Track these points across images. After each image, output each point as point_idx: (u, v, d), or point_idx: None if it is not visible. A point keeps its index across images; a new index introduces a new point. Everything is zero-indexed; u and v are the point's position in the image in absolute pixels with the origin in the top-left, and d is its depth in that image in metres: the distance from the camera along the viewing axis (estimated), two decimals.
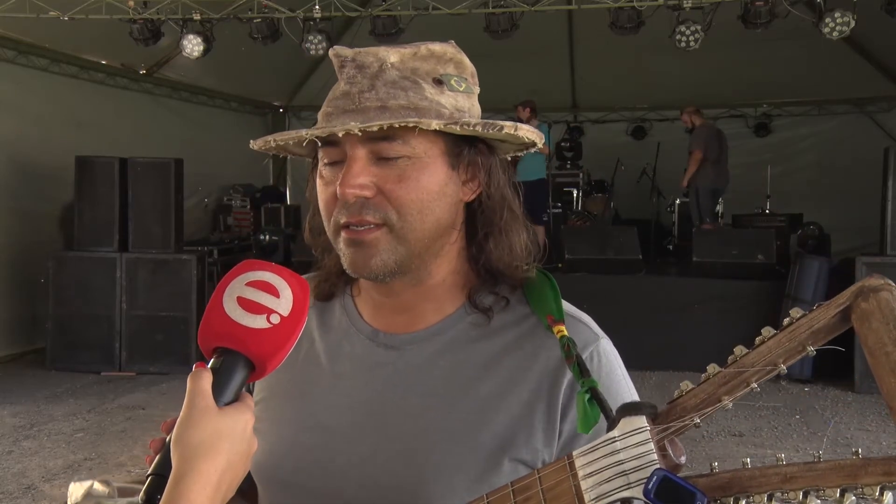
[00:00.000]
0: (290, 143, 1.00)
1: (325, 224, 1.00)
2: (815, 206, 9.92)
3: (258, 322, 0.82)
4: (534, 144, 1.03)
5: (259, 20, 7.42)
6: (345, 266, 0.99)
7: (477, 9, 7.27)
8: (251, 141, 1.03)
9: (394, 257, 0.97)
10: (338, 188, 0.95)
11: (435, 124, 0.92)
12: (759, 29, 7.03)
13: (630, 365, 1.03)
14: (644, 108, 12.03)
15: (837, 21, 6.67)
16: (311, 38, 7.47)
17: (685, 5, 6.89)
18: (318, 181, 1.00)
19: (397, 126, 0.92)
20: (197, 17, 7.44)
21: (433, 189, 0.97)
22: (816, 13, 6.91)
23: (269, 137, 1.00)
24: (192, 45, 7.52)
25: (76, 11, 7.11)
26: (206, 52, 7.58)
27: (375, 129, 0.92)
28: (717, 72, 9.77)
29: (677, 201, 10.08)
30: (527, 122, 8.80)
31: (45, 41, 8.02)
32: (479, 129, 0.95)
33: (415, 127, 0.92)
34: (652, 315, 7.42)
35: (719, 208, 9.63)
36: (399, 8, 7.39)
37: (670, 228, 10.46)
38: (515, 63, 9.25)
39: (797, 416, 6.06)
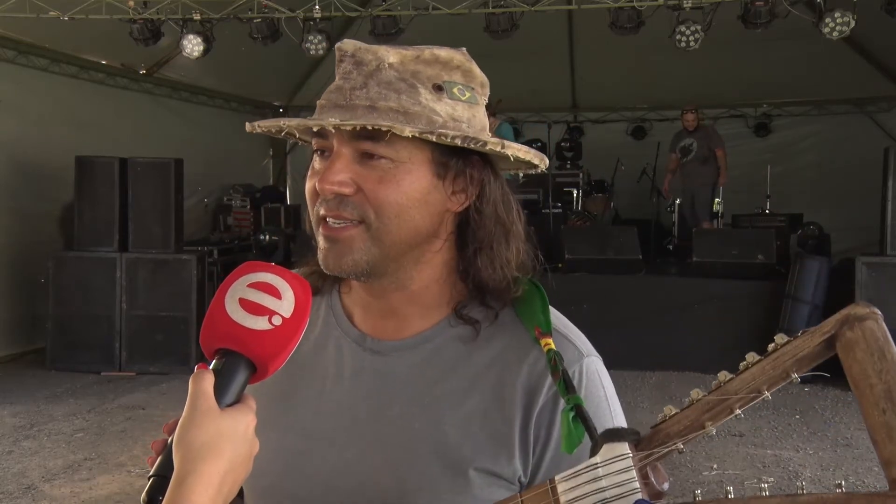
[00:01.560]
0: (295, 128, 1.01)
1: (310, 214, 1.00)
2: (815, 206, 9.93)
3: (260, 323, 0.82)
4: (535, 167, 1.02)
5: (259, 20, 7.42)
6: (319, 260, 0.99)
7: (477, 9, 7.27)
8: (247, 123, 1.02)
9: (366, 258, 0.96)
10: (317, 183, 0.95)
11: (408, 131, 0.90)
12: (759, 29, 7.02)
13: (630, 365, 1.04)
14: (644, 108, 12.02)
15: (837, 21, 6.66)
16: (311, 38, 7.46)
17: (685, 5, 6.88)
18: (309, 171, 1.00)
19: (370, 128, 0.91)
20: (197, 17, 7.44)
21: (414, 195, 0.95)
22: (816, 13, 6.90)
23: (257, 123, 1.00)
24: (192, 45, 7.52)
25: (76, 11, 7.10)
26: (206, 52, 7.58)
27: (349, 127, 0.91)
28: (717, 72, 9.77)
29: (677, 201, 10.08)
30: None
31: (45, 41, 8.02)
32: (458, 141, 0.93)
33: (400, 130, 0.91)
34: (652, 315, 7.42)
35: (719, 208, 9.65)
36: (399, 8, 7.38)
37: (670, 228, 10.46)
38: (515, 63, 9.24)
39: (797, 416, 6.06)
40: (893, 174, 6.72)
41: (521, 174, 1.08)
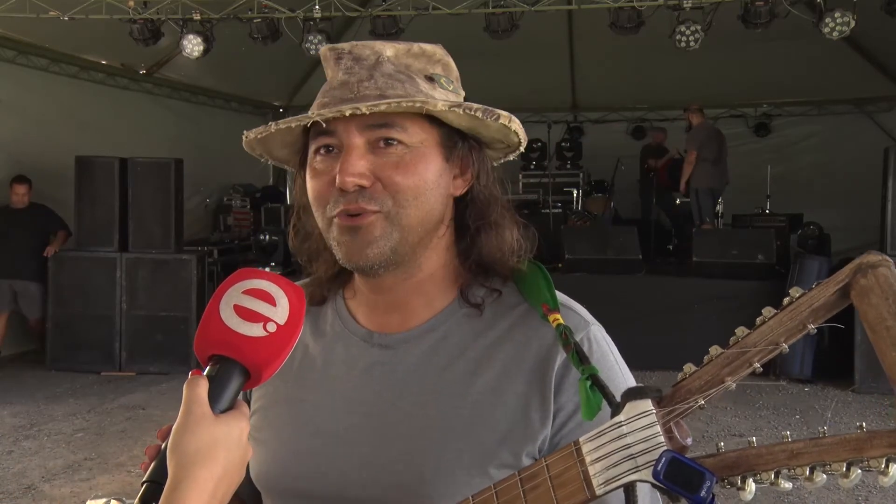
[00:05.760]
0: (276, 141, 1.02)
1: (318, 217, 0.99)
2: (815, 206, 9.92)
3: (255, 330, 0.82)
4: (518, 146, 1.04)
5: (259, 20, 7.41)
6: (339, 257, 0.98)
7: (477, 9, 7.27)
8: (245, 132, 1.01)
9: (389, 244, 0.96)
10: (337, 176, 0.94)
11: (441, 104, 0.93)
12: (759, 29, 7.02)
13: (630, 365, 1.03)
14: (644, 108, 12.02)
15: (837, 21, 6.66)
16: (311, 38, 7.46)
17: (685, 5, 6.88)
18: (309, 175, 1.00)
19: (405, 105, 0.93)
20: (197, 17, 7.44)
21: (429, 178, 0.97)
22: (816, 13, 6.90)
23: (271, 124, 0.99)
24: (192, 45, 7.52)
25: (76, 11, 7.11)
26: (206, 52, 7.58)
27: (383, 107, 0.92)
28: (717, 72, 9.76)
29: (677, 201, 10.08)
30: None
31: (45, 41, 8.02)
32: (479, 114, 0.95)
33: (412, 115, 0.94)
34: (652, 315, 7.42)
35: (719, 208, 9.64)
36: (399, 8, 7.38)
37: (670, 229, 10.46)
38: (515, 63, 9.25)
39: (797, 416, 6.06)
40: (893, 174, 6.73)
41: (501, 160, 1.10)
